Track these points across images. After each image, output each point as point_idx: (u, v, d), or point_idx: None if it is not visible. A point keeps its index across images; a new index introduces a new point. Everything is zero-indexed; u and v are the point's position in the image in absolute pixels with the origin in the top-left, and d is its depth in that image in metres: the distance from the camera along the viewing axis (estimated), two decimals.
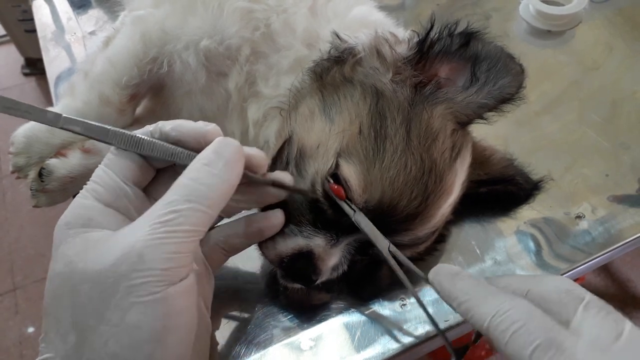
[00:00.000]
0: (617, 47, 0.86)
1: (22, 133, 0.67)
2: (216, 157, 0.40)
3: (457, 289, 0.43)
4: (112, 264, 0.36)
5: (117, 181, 0.42)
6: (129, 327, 0.35)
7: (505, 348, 0.38)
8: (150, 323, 0.36)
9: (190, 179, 0.39)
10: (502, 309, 0.39)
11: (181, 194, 0.38)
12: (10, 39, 2.57)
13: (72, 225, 0.40)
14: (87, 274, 0.37)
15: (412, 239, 0.51)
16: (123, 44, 0.64)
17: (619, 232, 0.63)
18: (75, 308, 0.37)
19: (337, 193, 0.48)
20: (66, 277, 0.38)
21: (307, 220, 0.51)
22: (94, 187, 0.42)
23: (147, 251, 0.36)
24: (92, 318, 0.36)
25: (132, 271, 0.36)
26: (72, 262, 0.38)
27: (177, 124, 0.43)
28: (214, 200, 0.39)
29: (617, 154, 0.71)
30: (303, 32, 0.59)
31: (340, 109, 0.52)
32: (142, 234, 0.37)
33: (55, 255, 0.40)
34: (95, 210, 0.41)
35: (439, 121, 0.51)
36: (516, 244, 0.62)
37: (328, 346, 0.54)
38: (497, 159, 0.62)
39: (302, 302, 0.57)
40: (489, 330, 0.39)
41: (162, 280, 0.36)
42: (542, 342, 0.36)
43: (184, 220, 0.37)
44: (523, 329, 0.37)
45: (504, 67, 0.51)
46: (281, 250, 0.51)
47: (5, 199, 2.13)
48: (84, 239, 0.39)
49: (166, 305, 0.36)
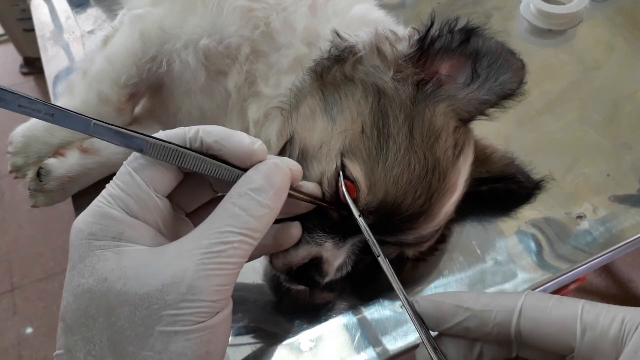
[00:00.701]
0: (618, 47, 0.86)
1: (20, 133, 0.66)
2: (267, 185, 0.38)
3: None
4: (160, 290, 0.35)
5: (149, 193, 0.39)
6: (173, 355, 0.35)
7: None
8: (195, 351, 0.36)
9: (240, 209, 0.38)
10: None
11: (232, 225, 0.37)
12: (8, 38, 2.56)
13: (99, 237, 0.37)
14: (128, 296, 0.35)
15: (417, 238, 0.51)
16: (122, 43, 0.64)
17: (621, 232, 0.63)
18: (114, 332, 0.35)
19: (350, 191, 0.48)
20: (101, 296, 0.36)
21: (316, 225, 0.51)
22: (121, 197, 0.38)
23: (198, 283, 0.35)
24: (133, 344, 0.35)
25: (181, 301, 0.35)
26: (108, 281, 0.36)
27: (222, 136, 0.40)
28: (263, 231, 0.39)
29: (618, 153, 0.70)
30: (303, 31, 0.59)
31: (342, 109, 0.52)
32: (192, 263, 0.36)
33: (82, 269, 0.37)
34: (126, 223, 0.38)
35: (442, 119, 0.51)
36: (517, 244, 0.62)
37: (328, 347, 0.53)
38: (498, 158, 0.62)
39: (303, 303, 0.57)
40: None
41: (209, 311, 0.36)
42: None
43: (234, 253, 0.37)
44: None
45: (505, 63, 0.50)
46: (292, 260, 0.50)
47: (3, 199, 2.13)
48: (118, 255, 0.37)
49: (211, 333, 0.36)
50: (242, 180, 0.39)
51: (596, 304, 0.40)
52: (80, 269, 0.37)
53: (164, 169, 0.40)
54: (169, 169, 0.40)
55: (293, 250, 0.50)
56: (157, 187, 0.39)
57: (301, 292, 0.56)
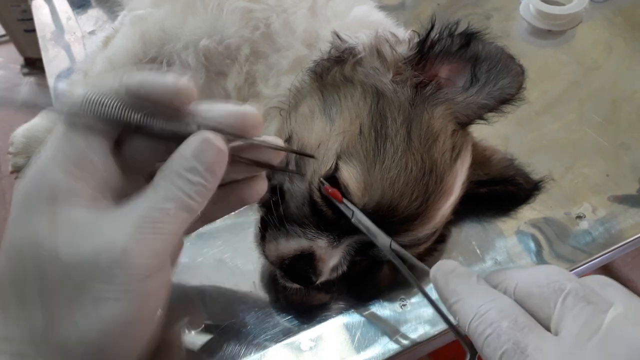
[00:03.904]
0: (617, 47, 0.86)
1: (21, 133, 0.67)
2: (198, 164, 0.37)
3: (449, 289, 0.40)
4: (92, 253, 0.35)
5: (85, 151, 0.37)
6: (102, 316, 0.36)
7: (482, 354, 0.35)
8: (124, 314, 0.36)
9: (175, 187, 0.37)
10: (480, 310, 0.36)
11: (168, 198, 0.37)
12: (9, 38, 2.56)
13: (34, 197, 0.37)
14: (58, 258, 0.35)
15: (412, 240, 0.51)
16: (122, 44, 0.64)
17: (620, 232, 0.63)
18: (44, 289, 0.36)
19: (333, 195, 0.48)
20: (32, 255, 0.36)
21: (311, 221, 0.51)
22: (57, 156, 0.37)
23: (132, 247, 0.35)
24: (62, 303, 0.36)
25: (113, 265, 0.35)
26: (38, 241, 0.36)
27: (145, 77, 0.38)
28: (200, 205, 0.38)
29: (617, 154, 0.71)
30: (303, 32, 0.59)
31: (340, 109, 0.52)
32: (127, 229, 0.36)
33: (14, 226, 0.37)
34: (62, 184, 0.37)
35: (440, 122, 0.51)
36: (517, 244, 0.62)
37: (328, 347, 0.53)
38: (497, 160, 0.62)
39: (302, 303, 0.57)
40: (470, 334, 0.37)
41: (142, 275, 0.36)
42: (509, 347, 0.33)
43: (170, 220, 0.37)
44: (495, 333, 0.34)
45: (504, 67, 0.51)
46: (283, 251, 0.51)
47: (4, 199, 2.13)
48: (51, 216, 0.36)
49: (142, 297, 0.37)
50: (175, 155, 0.38)
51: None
52: (12, 230, 0.37)
53: (101, 125, 0.38)
54: (107, 124, 0.38)
55: (284, 241, 0.51)
56: (94, 145, 0.38)
57: (301, 292, 0.56)
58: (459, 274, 0.41)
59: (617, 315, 0.33)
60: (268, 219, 0.53)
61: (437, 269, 0.42)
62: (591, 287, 0.36)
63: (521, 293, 0.37)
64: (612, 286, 0.37)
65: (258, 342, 0.54)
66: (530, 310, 0.36)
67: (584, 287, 0.36)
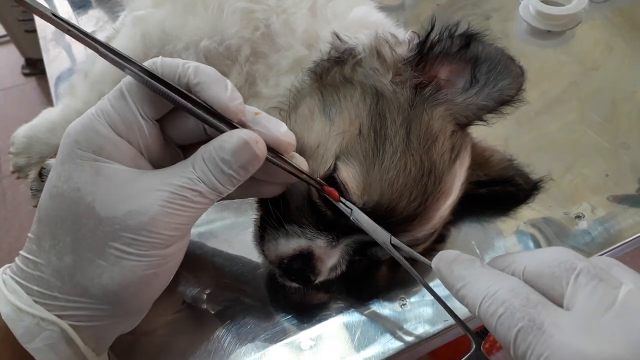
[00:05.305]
0: (617, 47, 0.86)
1: (22, 133, 0.67)
2: (233, 161, 0.40)
3: (453, 276, 0.41)
4: (124, 214, 0.39)
5: (136, 113, 0.41)
6: (124, 269, 0.40)
7: (495, 334, 0.36)
8: (144, 270, 0.40)
9: (210, 171, 0.40)
10: (490, 290, 0.36)
11: (201, 179, 0.40)
12: (10, 39, 2.57)
13: (82, 146, 0.40)
14: (95, 212, 0.39)
15: (411, 240, 0.51)
16: (123, 44, 0.64)
17: (619, 232, 0.63)
18: (77, 237, 0.40)
19: (331, 195, 0.48)
20: (71, 203, 0.40)
21: (310, 221, 0.51)
22: (110, 112, 0.41)
23: (160, 217, 0.39)
24: (91, 251, 0.40)
25: (141, 228, 0.39)
26: (80, 190, 0.39)
27: (204, 80, 0.41)
28: (228, 191, 0.42)
29: (617, 153, 0.71)
30: (303, 32, 0.59)
31: (340, 110, 0.52)
32: (158, 199, 0.39)
33: (60, 172, 0.40)
34: (109, 140, 0.40)
35: (439, 123, 0.51)
36: (516, 244, 0.62)
37: (328, 346, 0.54)
38: (497, 160, 0.62)
39: (302, 302, 0.57)
40: (481, 316, 0.37)
41: (165, 243, 0.41)
42: (524, 325, 0.33)
43: (199, 200, 0.41)
44: (508, 311, 0.35)
45: (504, 69, 0.51)
46: (282, 251, 0.51)
47: (5, 199, 2.14)
48: (94, 169, 0.40)
49: (162, 259, 0.41)
50: (216, 141, 0.41)
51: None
52: (58, 172, 0.41)
53: (155, 95, 0.41)
54: (161, 97, 0.41)
55: (284, 241, 0.51)
56: (145, 110, 0.42)
57: (300, 291, 0.56)
58: (463, 261, 0.41)
59: (630, 290, 0.34)
60: (267, 219, 0.53)
61: (439, 259, 0.43)
62: (600, 266, 0.36)
63: (530, 274, 0.38)
64: (619, 266, 0.37)
65: (258, 341, 0.54)
66: (540, 289, 0.37)
67: (594, 265, 0.36)
